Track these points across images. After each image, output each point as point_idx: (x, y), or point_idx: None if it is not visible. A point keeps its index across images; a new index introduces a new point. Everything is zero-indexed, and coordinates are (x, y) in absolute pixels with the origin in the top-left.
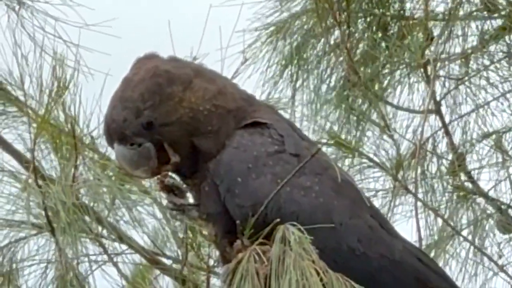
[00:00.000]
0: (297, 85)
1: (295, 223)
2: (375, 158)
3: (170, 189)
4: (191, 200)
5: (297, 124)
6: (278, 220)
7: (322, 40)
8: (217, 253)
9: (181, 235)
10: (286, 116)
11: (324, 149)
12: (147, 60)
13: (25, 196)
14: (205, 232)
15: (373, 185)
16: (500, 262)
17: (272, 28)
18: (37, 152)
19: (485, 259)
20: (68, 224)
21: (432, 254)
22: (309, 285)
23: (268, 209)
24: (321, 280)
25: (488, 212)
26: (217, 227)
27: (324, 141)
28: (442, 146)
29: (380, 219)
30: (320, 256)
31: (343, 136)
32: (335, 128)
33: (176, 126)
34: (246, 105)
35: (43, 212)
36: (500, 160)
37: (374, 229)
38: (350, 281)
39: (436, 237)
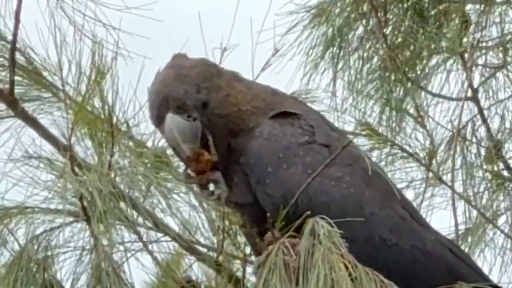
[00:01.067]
0: (338, 67)
1: (325, 216)
2: (409, 149)
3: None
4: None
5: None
6: (308, 212)
7: (360, 26)
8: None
9: (217, 223)
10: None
11: (357, 139)
12: (185, 57)
13: (61, 183)
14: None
15: (408, 176)
16: None
17: (313, 11)
18: (73, 138)
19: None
20: (104, 212)
21: (468, 242)
22: (337, 279)
23: (299, 200)
24: (349, 274)
25: None
26: (246, 216)
27: (358, 131)
28: (480, 134)
29: (411, 211)
30: (351, 247)
31: (378, 127)
32: (371, 119)
33: (224, 121)
34: (272, 98)
35: (78, 200)
36: None
37: (405, 220)
38: (380, 275)
39: (472, 227)
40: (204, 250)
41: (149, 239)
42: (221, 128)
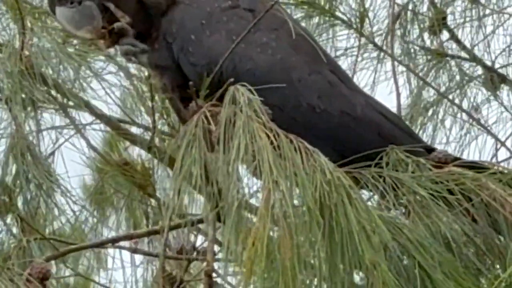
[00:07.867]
0: None
1: (246, 84)
2: (340, 15)
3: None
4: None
5: None
6: (232, 80)
7: None
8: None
9: (149, 103)
10: None
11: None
12: None
13: None
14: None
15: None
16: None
17: None
18: None
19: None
20: (14, 93)
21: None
22: (258, 148)
23: (223, 68)
24: (271, 143)
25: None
26: (166, 79)
27: None
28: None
29: (340, 74)
30: (279, 114)
31: None
32: None
33: None
34: None
35: None
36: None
37: (334, 85)
38: (304, 143)
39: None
40: (138, 131)
41: (81, 123)
42: None
